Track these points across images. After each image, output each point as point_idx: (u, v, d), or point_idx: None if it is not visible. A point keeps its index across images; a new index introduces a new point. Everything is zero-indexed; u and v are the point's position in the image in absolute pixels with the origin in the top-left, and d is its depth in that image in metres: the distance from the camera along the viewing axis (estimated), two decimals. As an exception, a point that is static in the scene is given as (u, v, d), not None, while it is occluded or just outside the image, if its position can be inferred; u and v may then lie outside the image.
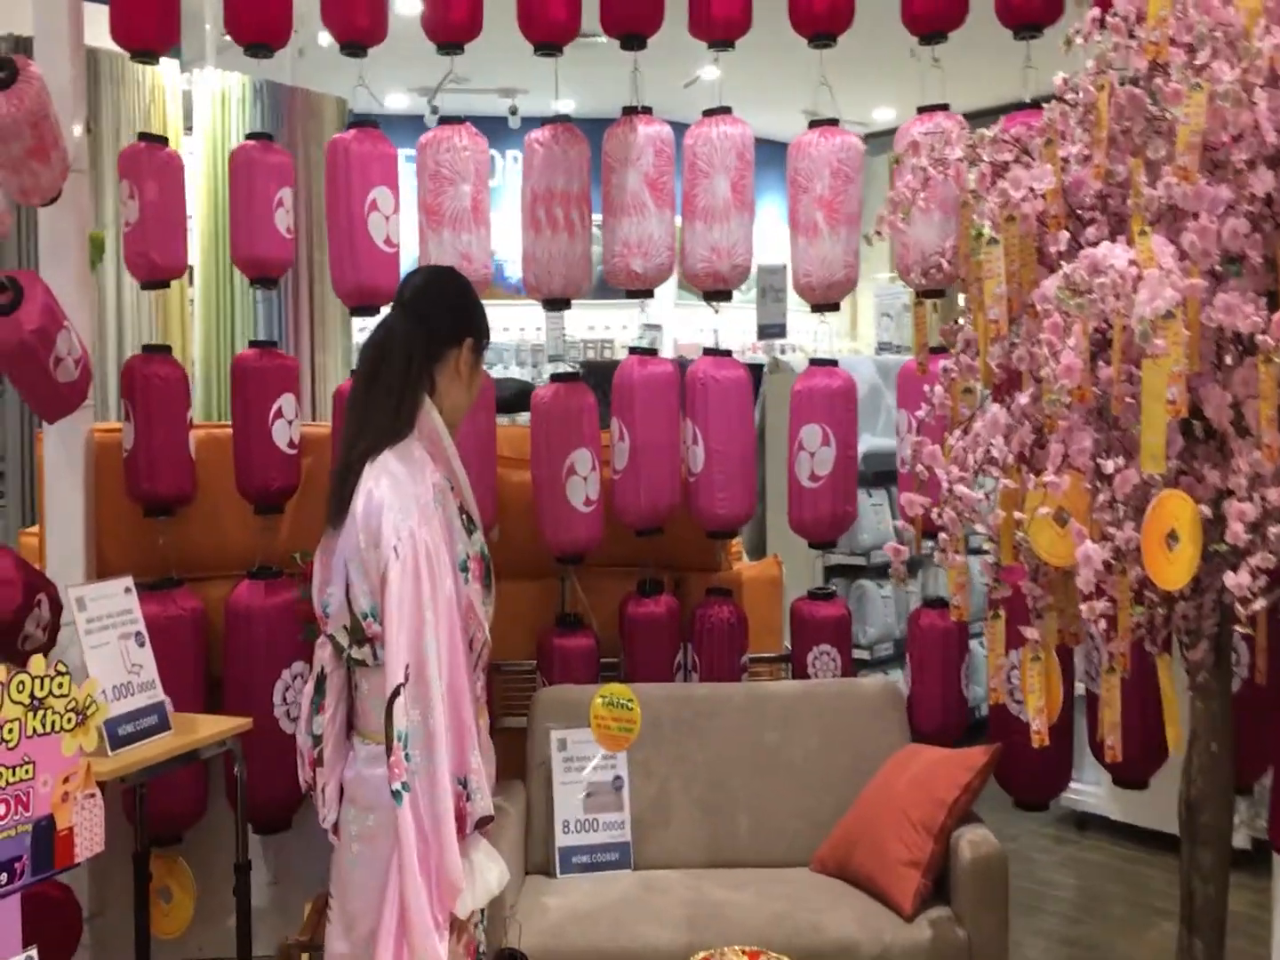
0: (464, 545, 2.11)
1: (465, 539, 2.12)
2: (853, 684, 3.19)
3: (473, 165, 2.99)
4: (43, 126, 2.67)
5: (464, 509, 2.16)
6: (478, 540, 2.16)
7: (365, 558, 2.01)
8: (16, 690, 2.03)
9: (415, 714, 1.94)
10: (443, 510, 2.05)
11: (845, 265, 3.04)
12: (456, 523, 2.09)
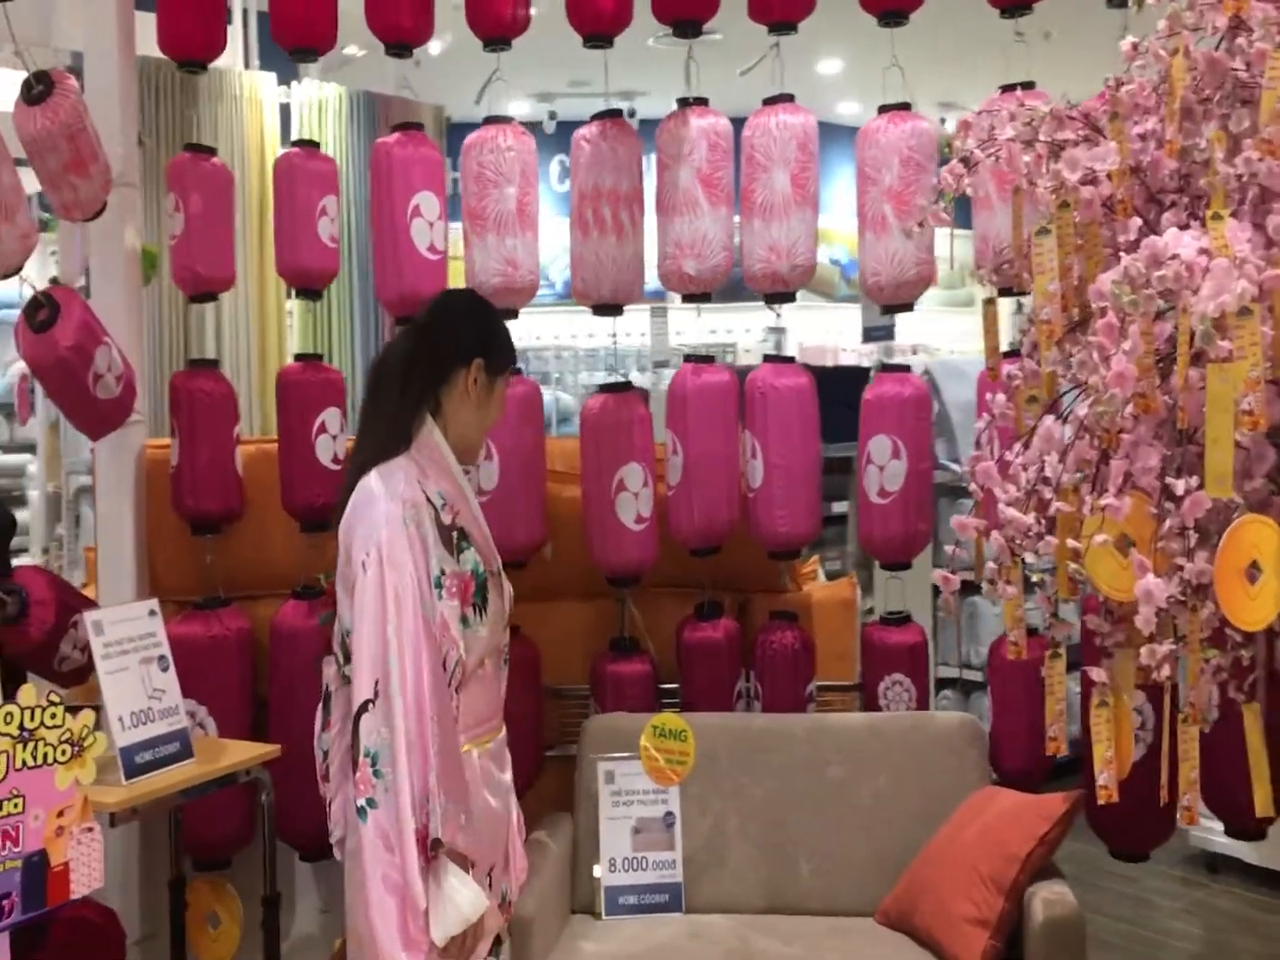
0: (440, 561, 2.01)
1: (447, 555, 2.03)
2: (927, 718, 2.94)
3: (518, 166, 2.85)
4: (80, 140, 2.64)
5: (455, 525, 2.07)
6: (469, 559, 2.07)
7: (344, 574, 2.03)
8: (4, 721, 1.96)
9: (385, 731, 1.92)
10: (415, 526, 1.99)
11: (918, 263, 2.80)
12: (431, 537, 2.01)
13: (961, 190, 2.08)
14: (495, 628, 2.11)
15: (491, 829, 2.09)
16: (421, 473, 2.07)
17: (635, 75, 6.72)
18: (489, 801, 2.08)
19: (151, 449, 3.08)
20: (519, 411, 2.88)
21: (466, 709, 2.06)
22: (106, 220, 2.88)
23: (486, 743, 2.11)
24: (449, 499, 2.08)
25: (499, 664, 2.19)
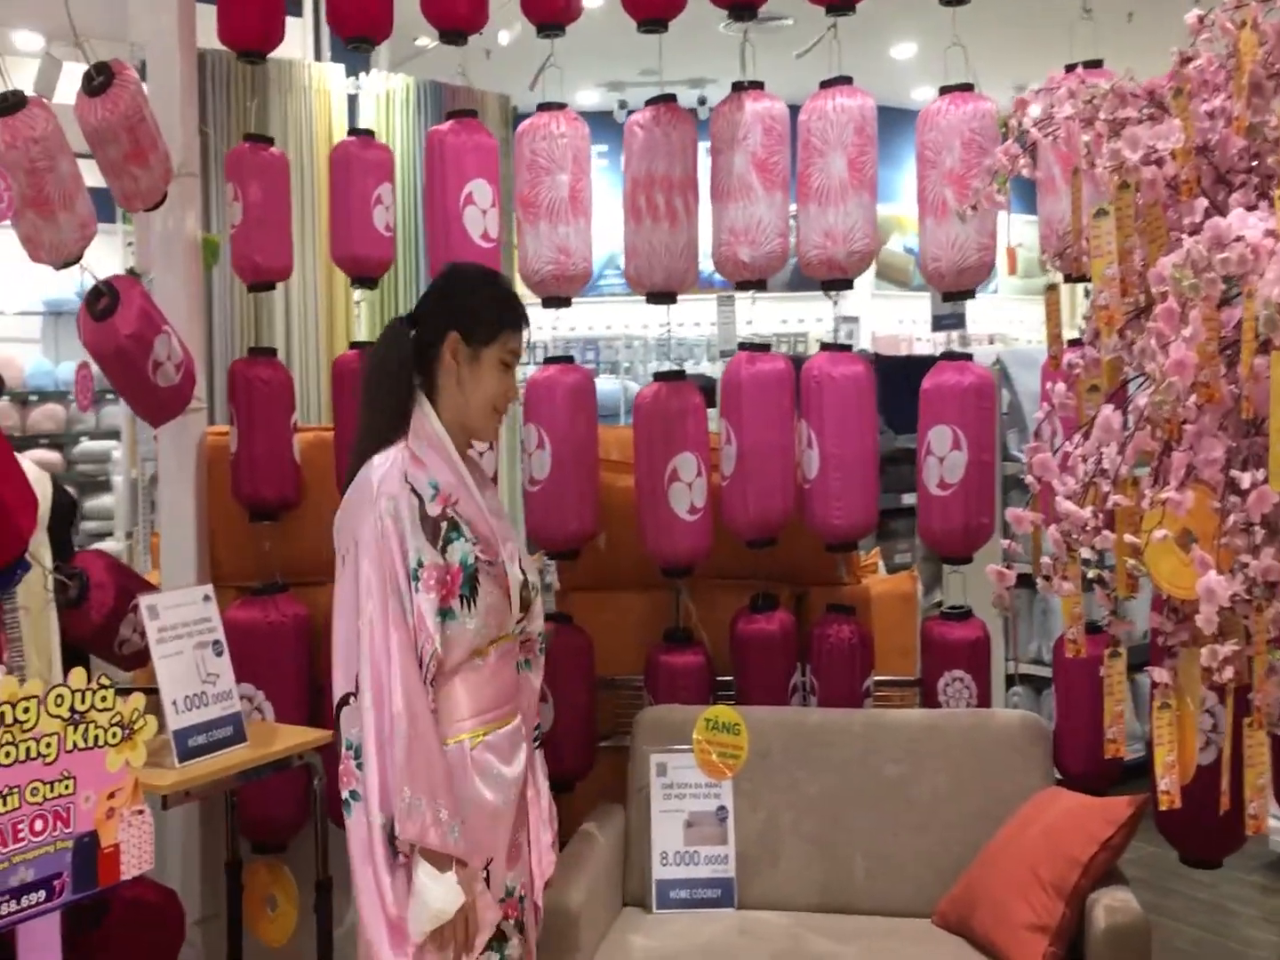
0: (418, 552, 1.99)
1: (427, 546, 2.00)
2: (988, 715, 2.86)
3: (570, 153, 2.82)
4: (139, 130, 2.67)
5: (445, 516, 2.04)
6: (458, 550, 2.03)
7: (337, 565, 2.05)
8: (55, 704, 1.99)
9: (359, 727, 1.97)
10: (391, 519, 1.98)
11: (980, 248, 2.72)
12: (410, 529, 1.99)
13: (1017, 172, 2.01)
14: (491, 619, 2.07)
15: (487, 823, 2.06)
16: (415, 461, 2.05)
17: (706, 63, 6.65)
18: (483, 795, 2.05)
19: (214, 436, 3.11)
20: (571, 400, 2.87)
21: (459, 700, 2.05)
22: (167, 210, 2.92)
23: (483, 735, 2.07)
24: (443, 488, 2.05)
25: (508, 655, 2.15)
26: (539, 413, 2.88)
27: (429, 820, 1.93)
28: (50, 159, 2.44)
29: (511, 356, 2.11)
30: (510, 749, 2.13)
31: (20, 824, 1.96)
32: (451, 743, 2.04)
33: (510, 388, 2.12)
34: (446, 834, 1.94)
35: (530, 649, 2.27)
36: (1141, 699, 3.68)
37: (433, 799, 1.94)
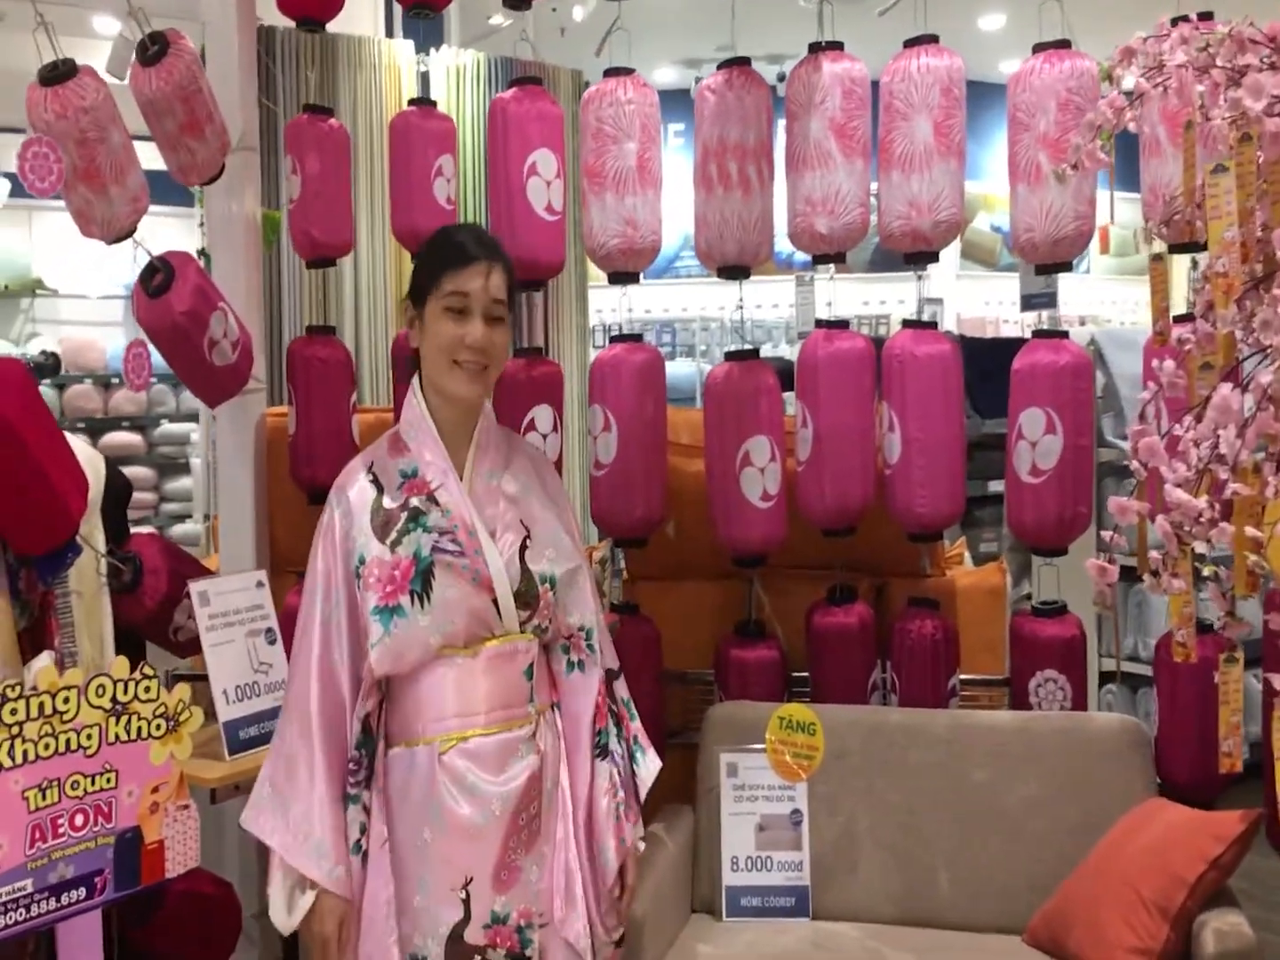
0: (361, 549, 1.89)
1: (373, 541, 1.89)
2: (1084, 719, 2.67)
3: (638, 120, 2.68)
4: (194, 101, 2.58)
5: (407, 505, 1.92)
6: (412, 543, 1.89)
7: None
8: (96, 694, 1.90)
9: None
10: (338, 512, 1.92)
11: (1077, 217, 2.53)
12: (354, 520, 1.91)
13: (1123, 125, 1.82)
14: (454, 616, 1.89)
15: (458, 838, 1.88)
16: (396, 447, 1.96)
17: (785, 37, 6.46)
18: (452, 806, 1.88)
19: (275, 417, 3.03)
20: (638, 380, 2.73)
21: (426, 700, 1.91)
22: (226, 184, 2.83)
23: (457, 740, 1.90)
24: (423, 471, 1.93)
25: (509, 656, 1.94)
26: (605, 393, 2.75)
27: (280, 825, 1.88)
28: (101, 130, 2.35)
29: (457, 299, 1.89)
30: (500, 760, 1.91)
31: (60, 819, 1.88)
32: (420, 743, 1.91)
33: (468, 333, 1.89)
34: (306, 852, 1.87)
35: (577, 648, 2.04)
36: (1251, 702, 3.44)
37: (292, 807, 1.88)
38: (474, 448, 1.98)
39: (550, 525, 2.01)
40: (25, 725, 1.82)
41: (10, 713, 1.80)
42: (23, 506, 2.18)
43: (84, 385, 7.19)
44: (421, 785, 1.89)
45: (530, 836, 1.94)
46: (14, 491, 2.16)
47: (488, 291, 1.91)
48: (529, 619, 1.95)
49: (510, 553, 1.94)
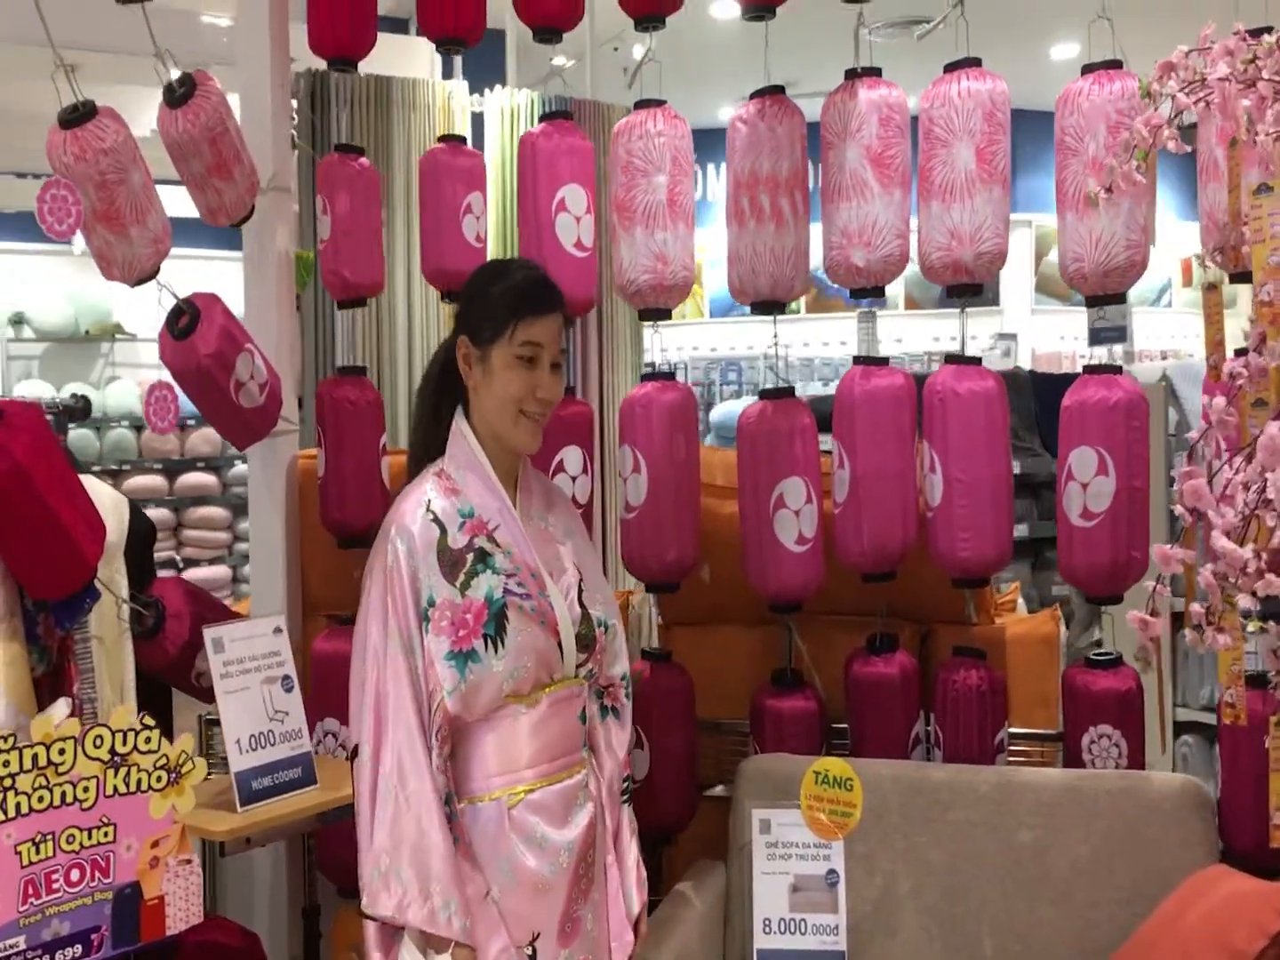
0: (430, 589, 1.81)
1: (442, 582, 1.82)
2: (1140, 779, 2.50)
3: (669, 153, 2.61)
4: (221, 142, 2.58)
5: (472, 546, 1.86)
6: (483, 585, 1.83)
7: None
8: (93, 745, 1.86)
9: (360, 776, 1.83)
10: (403, 554, 1.82)
11: (1128, 245, 2.39)
12: (421, 560, 1.83)
13: (1160, 144, 1.71)
14: (528, 661, 1.84)
15: (529, 894, 1.83)
16: (446, 487, 1.88)
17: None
18: (523, 861, 1.82)
19: (305, 460, 3.00)
20: (668, 419, 2.64)
21: (492, 753, 1.84)
22: (258, 225, 2.83)
23: (524, 792, 1.85)
24: (478, 513, 1.87)
25: (565, 702, 1.91)
26: (634, 434, 2.67)
27: (411, 894, 1.74)
28: (121, 171, 2.35)
29: (528, 350, 1.87)
30: (564, 809, 1.89)
31: (55, 874, 1.84)
32: (487, 800, 1.85)
33: (539, 385, 1.88)
34: (437, 912, 1.74)
35: (615, 695, 2.05)
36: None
37: (419, 870, 1.74)
38: (519, 489, 1.95)
39: (595, 570, 2.02)
40: (18, 777, 1.78)
41: (3, 764, 1.76)
42: (37, 551, 2.17)
43: (162, 427, 7.33)
44: (489, 842, 1.83)
45: (587, 885, 1.91)
46: (28, 536, 2.15)
47: (556, 340, 1.90)
48: (584, 662, 1.94)
49: (571, 595, 1.92)
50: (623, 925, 1.98)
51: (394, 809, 1.77)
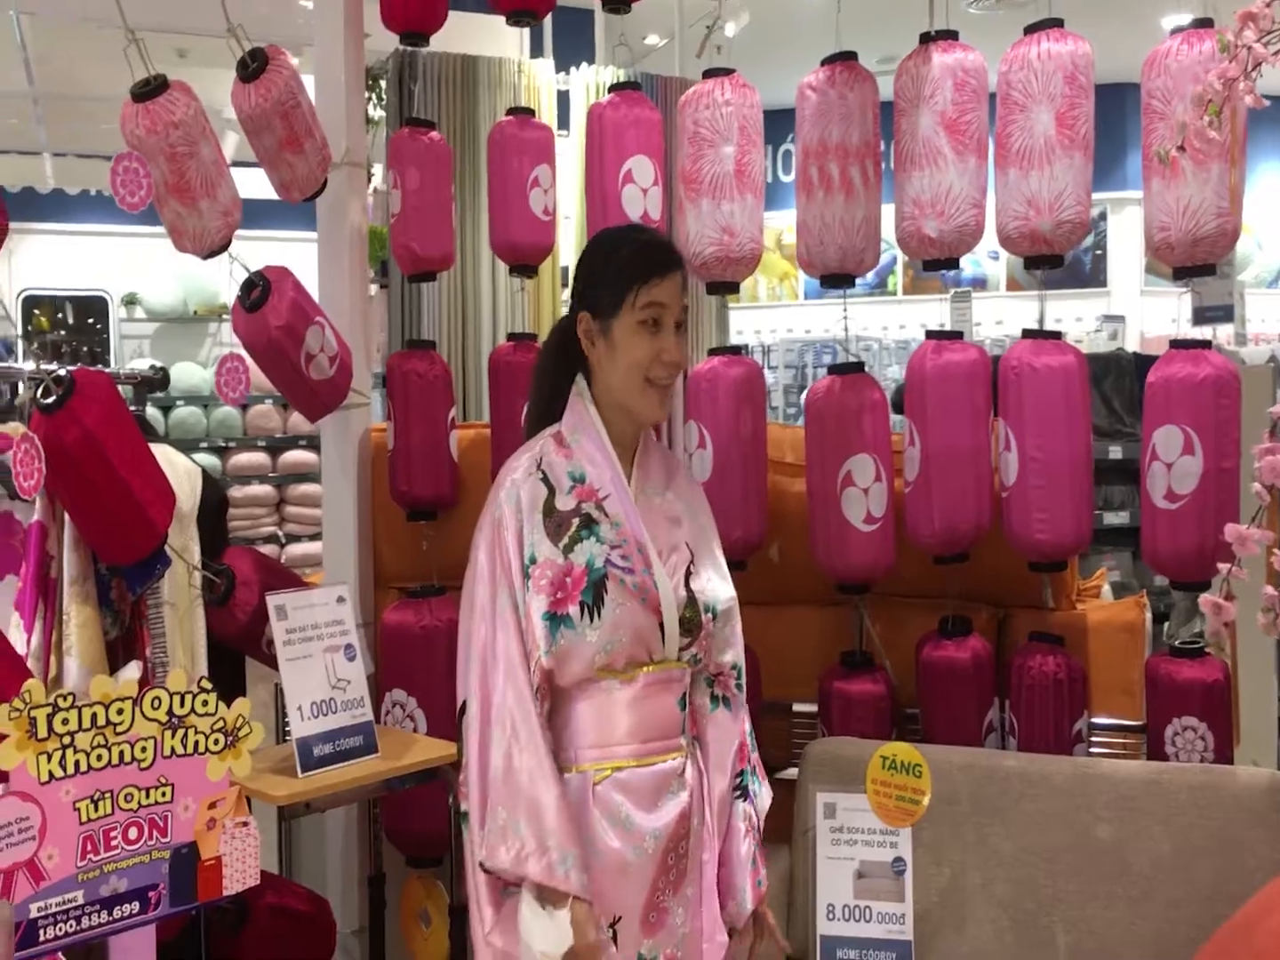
0: (533, 547, 1.80)
1: (544, 541, 1.80)
2: (1226, 774, 2.38)
3: (736, 122, 2.55)
4: (293, 117, 2.60)
5: (580, 511, 1.83)
6: (586, 551, 1.80)
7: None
8: (151, 706, 1.89)
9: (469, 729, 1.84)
10: (511, 508, 1.81)
11: (1218, 213, 2.27)
12: (527, 517, 1.81)
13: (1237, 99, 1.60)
14: (624, 635, 1.81)
15: (612, 875, 1.80)
16: (562, 449, 1.86)
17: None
18: (606, 840, 1.80)
19: (378, 433, 3.02)
20: (735, 394, 2.59)
21: (584, 725, 1.82)
22: (331, 200, 2.84)
23: (611, 770, 1.82)
24: (591, 480, 1.84)
25: (665, 684, 1.87)
26: (700, 409, 2.62)
27: (529, 848, 1.72)
28: (191, 144, 2.38)
29: (651, 313, 1.83)
30: (654, 794, 1.84)
31: (113, 831, 1.87)
32: (574, 771, 1.82)
33: (664, 348, 1.83)
34: (554, 865, 1.71)
35: (724, 684, 1.99)
36: None
37: (536, 823, 1.72)
38: (636, 462, 1.91)
39: (710, 554, 1.96)
40: (77, 735, 1.81)
41: (61, 722, 1.80)
42: (107, 518, 2.21)
43: (264, 405, 7.49)
44: (575, 815, 1.80)
45: (678, 877, 1.87)
46: (98, 503, 2.19)
47: (679, 300, 1.86)
48: (688, 646, 1.89)
49: (678, 576, 1.88)
50: (716, 925, 1.92)
51: (506, 762, 1.76)
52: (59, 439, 2.04)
